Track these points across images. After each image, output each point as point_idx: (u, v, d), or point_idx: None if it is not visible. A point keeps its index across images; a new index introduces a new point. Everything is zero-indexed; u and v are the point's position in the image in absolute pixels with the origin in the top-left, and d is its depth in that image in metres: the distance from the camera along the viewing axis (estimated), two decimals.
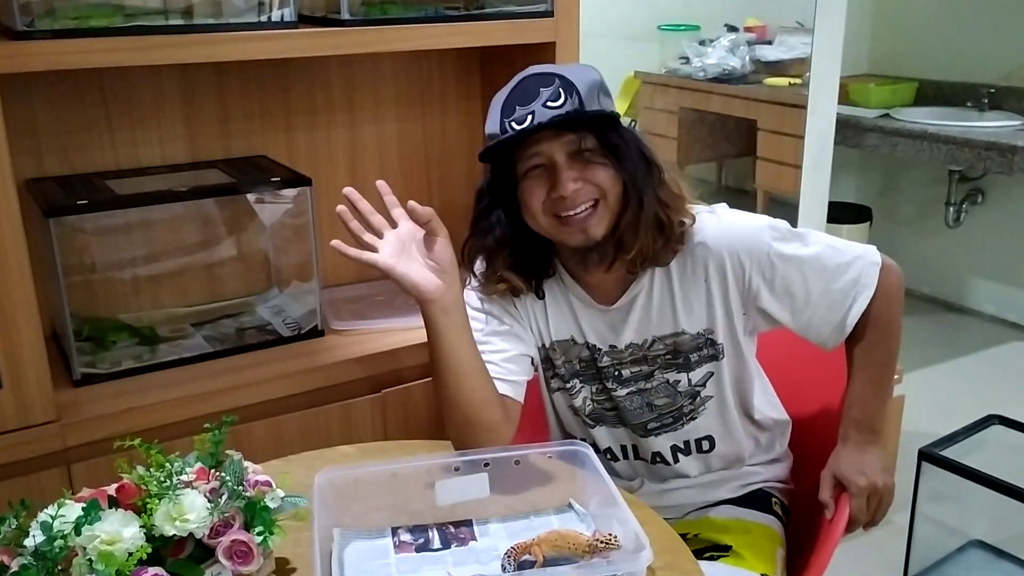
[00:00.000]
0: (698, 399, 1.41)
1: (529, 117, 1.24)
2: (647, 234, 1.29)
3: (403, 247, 1.27)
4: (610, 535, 1.06)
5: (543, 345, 1.43)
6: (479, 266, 1.39)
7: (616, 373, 1.40)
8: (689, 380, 1.39)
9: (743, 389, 1.44)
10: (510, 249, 1.35)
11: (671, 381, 1.40)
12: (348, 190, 1.29)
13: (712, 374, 1.40)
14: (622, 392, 1.41)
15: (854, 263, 1.35)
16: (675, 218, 1.31)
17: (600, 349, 1.40)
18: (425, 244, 1.27)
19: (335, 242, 1.26)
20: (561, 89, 1.25)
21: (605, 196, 1.28)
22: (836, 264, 1.34)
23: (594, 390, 1.44)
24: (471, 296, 1.41)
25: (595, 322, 1.40)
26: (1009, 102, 3.55)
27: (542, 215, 1.29)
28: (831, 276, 1.34)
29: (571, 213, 1.27)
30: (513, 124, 1.25)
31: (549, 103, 1.24)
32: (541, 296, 1.41)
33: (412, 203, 1.24)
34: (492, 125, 1.29)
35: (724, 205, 1.39)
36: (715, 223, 1.35)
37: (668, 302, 1.36)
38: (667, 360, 1.39)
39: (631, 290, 1.37)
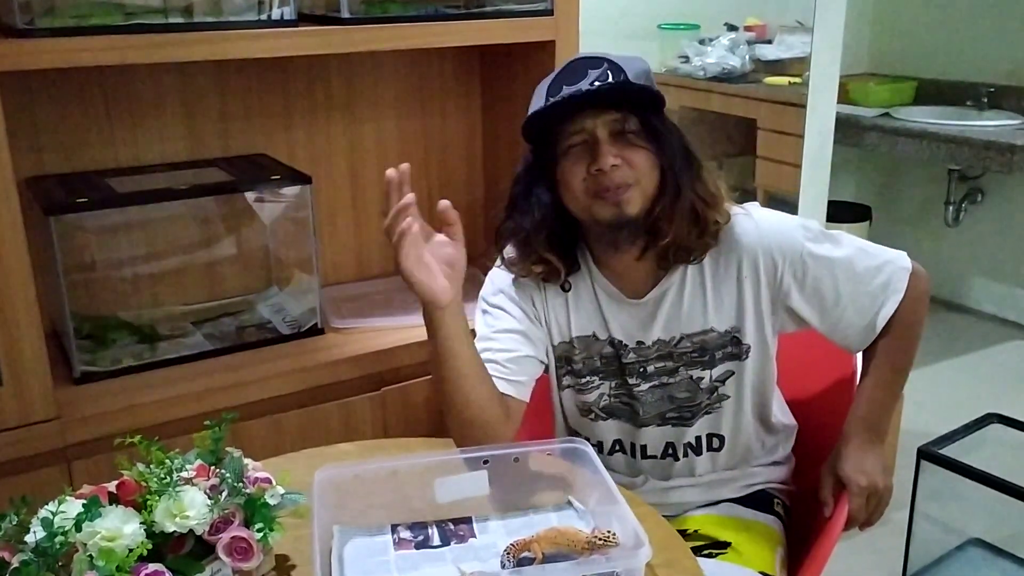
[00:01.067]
0: (715, 395, 1.41)
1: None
2: (682, 224, 1.29)
3: (419, 249, 1.21)
4: (608, 532, 1.06)
5: (563, 341, 1.42)
6: (509, 250, 1.39)
7: (641, 369, 1.40)
8: (711, 376, 1.39)
9: (763, 392, 1.43)
10: (549, 230, 1.34)
11: (694, 377, 1.39)
12: (392, 173, 1.18)
13: (732, 373, 1.39)
14: (644, 387, 1.41)
15: (884, 267, 1.35)
16: (710, 215, 1.31)
17: (626, 345, 1.40)
18: (439, 247, 1.23)
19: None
20: (609, 71, 1.25)
21: (640, 180, 1.28)
22: (867, 267, 1.34)
23: (613, 385, 1.43)
24: (490, 288, 1.41)
25: (622, 317, 1.39)
26: (1009, 101, 3.55)
27: (581, 192, 1.29)
28: (861, 279, 1.34)
29: (607, 189, 1.26)
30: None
31: (596, 82, 1.24)
32: (567, 288, 1.40)
33: (445, 203, 1.22)
34: (537, 104, 1.29)
35: (756, 204, 1.39)
36: (749, 221, 1.35)
37: (699, 299, 1.36)
38: (693, 358, 1.38)
39: (661, 284, 1.36)
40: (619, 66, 1.26)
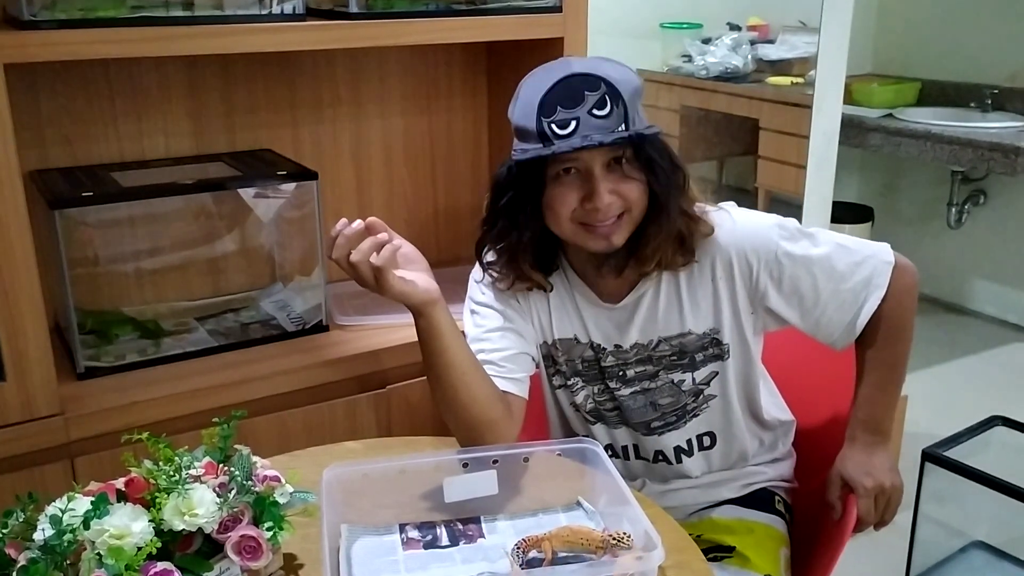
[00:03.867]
0: (701, 396, 1.40)
1: (573, 123, 1.20)
2: (667, 246, 1.28)
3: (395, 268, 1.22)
4: (624, 534, 1.05)
5: (545, 342, 1.42)
6: (491, 258, 1.37)
7: (620, 373, 1.39)
8: (693, 379, 1.38)
9: (749, 389, 1.42)
10: (533, 250, 1.33)
11: (676, 381, 1.38)
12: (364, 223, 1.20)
13: (716, 373, 1.39)
14: (625, 392, 1.40)
15: (865, 263, 1.33)
16: (695, 230, 1.29)
17: (605, 349, 1.39)
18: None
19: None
20: (607, 96, 1.21)
21: (631, 209, 1.26)
22: (847, 264, 1.32)
23: (596, 389, 1.42)
24: (475, 290, 1.40)
25: (600, 321, 1.38)
26: (1013, 103, 3.55)
27: (567, 221, 1.27)
28: (841, 276, 1.32)
29: (600, 223, 1.25)
30: (554, 127, 1.20)
31: (595, 111, 1.20)
32: (549, 289, 1.38)
33: (372, 219, 1.20)
34: (526, 119, 1.23)
35: (732, 204, 1.37)
36: (722, 222, 1.33)
37: (675, 303, 1.35)
38: (672, 361, 1.38)
39: (637, 289, 1.35)
40: (616, 89, 1.21)
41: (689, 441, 1.43)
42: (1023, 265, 3.76)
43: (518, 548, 1.09)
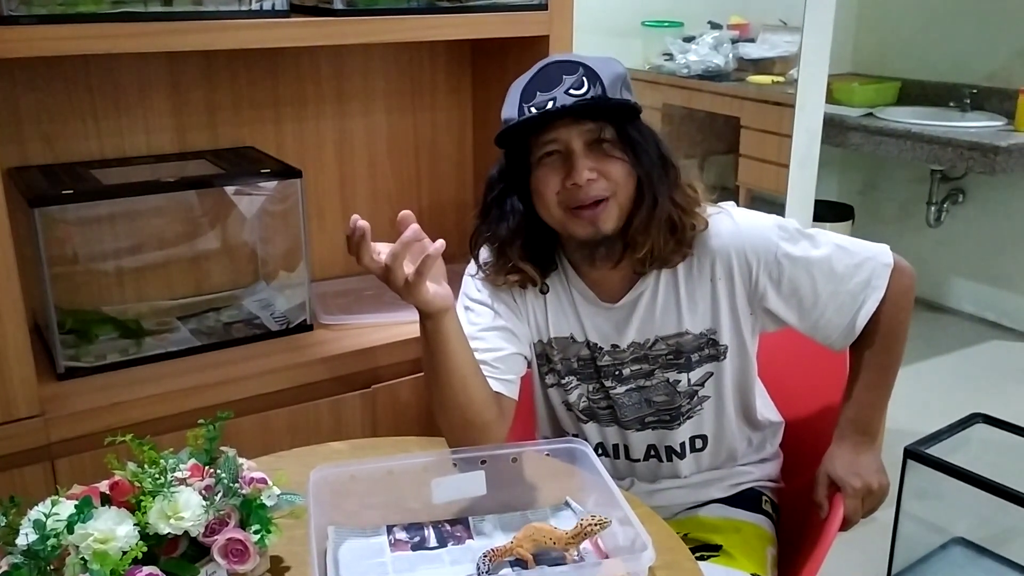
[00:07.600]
0: (695, 398, 1.40)
1: (550, 103, 1.22)
2: (659, 234, 1.27)
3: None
4: (595, 516, 1.05)
5: (540, 341, 1.41)
6: (485, 255, 1.36)
7: (616, 372, 1.39)
8: (689, 380, 1.38)
9: (744, 390, 1.42)
10: (523, 239, 1.32)
11: (671, 380, 1.38)
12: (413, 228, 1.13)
13: (711, 374, 1.38)
14: (620, 390, 1.39)
15: (864, 264, 1.33)
16: (688, 221, 1.29)
17: (601, 348, 1.38)
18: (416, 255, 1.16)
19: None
20: (584, 78, 1.23)
21: (617, 192, 1.26)
22: (846, 266, 1.32)
23: (591, 388, 1.42)
24: (471, 286, 1.39)
25: (598, 320, 1.38)
26: (991, 103, 3.58)
27: (554, 205, 1.27)
28: (840, 278, 1.32)
29: (582, 204, 1.25)
30: (533, 109, 1.23)
31: (572, 90, 1.22)
32: (545, 291, 1.38)
33: (405, 212, 1.15)
34: (510, 110, 1.26)
35: (732, 204, 1.37)
36: (723, 223, 1.33)
37: (673, 302, 1.35)
38: (668, 360, 1.37)
39: (636, 288, 1.35)
40: (595, 72, 1.23)
41: (682, 443, 1.43)
42: (1001, 263, 3.80)
43: (485, 557, 1.08)
